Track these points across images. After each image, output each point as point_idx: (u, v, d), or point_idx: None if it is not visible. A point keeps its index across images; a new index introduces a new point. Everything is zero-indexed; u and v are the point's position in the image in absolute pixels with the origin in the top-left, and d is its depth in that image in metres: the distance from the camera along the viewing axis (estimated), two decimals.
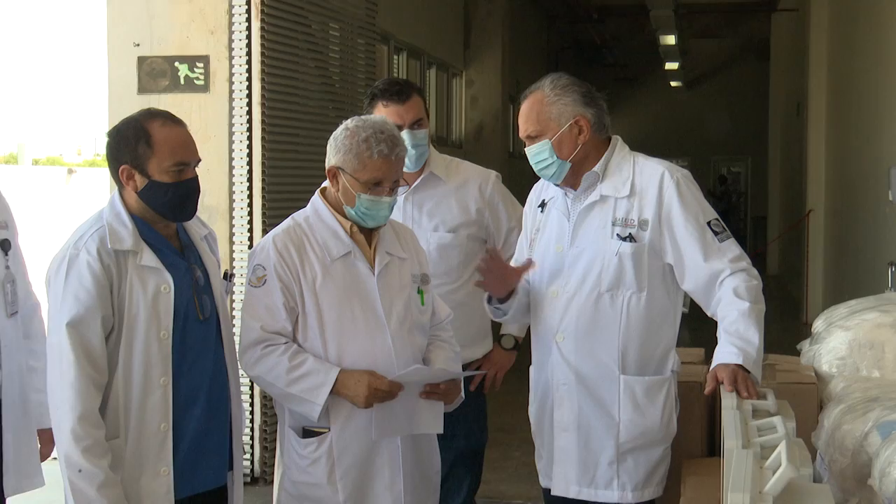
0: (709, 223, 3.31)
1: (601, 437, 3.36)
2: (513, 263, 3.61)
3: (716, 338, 3.23)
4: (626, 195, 3.34)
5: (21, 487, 3.31)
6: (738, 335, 3.15)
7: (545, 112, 3.35)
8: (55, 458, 2.99)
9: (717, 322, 3.27)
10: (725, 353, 3.14)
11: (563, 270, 3.39)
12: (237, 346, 3.27)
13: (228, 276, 3.35)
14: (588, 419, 3.36)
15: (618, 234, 3.31)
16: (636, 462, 3.36)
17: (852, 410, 3.32)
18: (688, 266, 3.30)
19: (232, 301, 4.67)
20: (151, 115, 3.06)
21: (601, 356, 3.35)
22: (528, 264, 3.44)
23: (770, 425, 2.73)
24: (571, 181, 3.39)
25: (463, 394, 3.39)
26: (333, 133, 3.27)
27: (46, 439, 3.49)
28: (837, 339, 3.82)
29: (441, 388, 3.24)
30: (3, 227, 3.26)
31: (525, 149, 3.42)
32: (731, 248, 3.30)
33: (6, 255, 3.21)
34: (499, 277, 3.41)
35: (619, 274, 3.31)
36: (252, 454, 6.15)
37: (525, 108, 3.40)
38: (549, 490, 3.50)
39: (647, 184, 3.34)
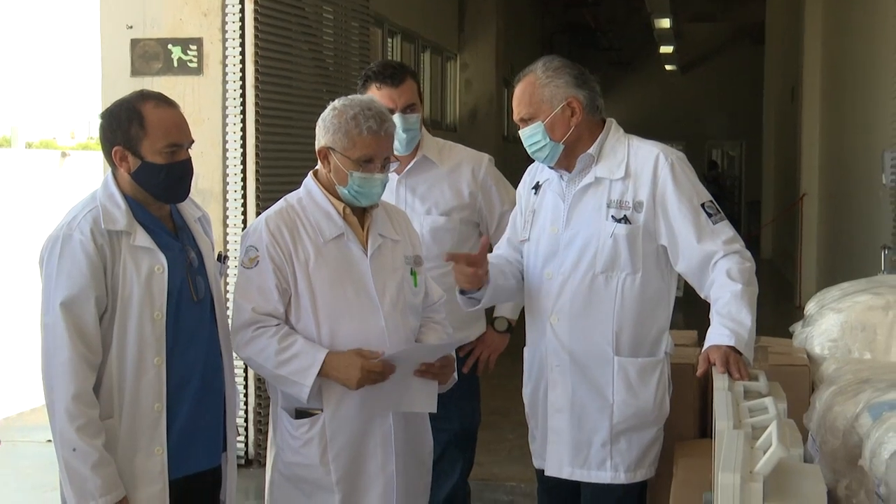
0: (703, 205, 3.31)
1: (594, 419, 3.37)
2: (503, 243, 3.63)
3: (709, 320, 3.25)
4: (621, 177, 3.35)
5: None
6: (730, 317, 3.16)
7: (538, 94, 3.36)
8: (50, 441, 3.00)
9: (709, 304, 3.29)
10: (718, 334, 3.15)
11: (558, 252, 3.40)
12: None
13: (222, 258, 3.35)
14: (581, 400, 3.38)
15: (612, 216, 3.32)
16: (629, 443, 3.37)
17: (844, 392, 3.34)
18: (681, 247, 3.31)
19: (226, 283, 4.67)
20: (144, 96, 3.06)
21: (595, 337, 3.36)
22: (484, 243, 3.45)
23: (761, 406, 2.74)
24: (565, 163, 3.39)
25: (456, 375, 3.39)
26: (321, 114, 3.27)
27: None
28: (829, 322, 3.84)
29: (436, 367, 3.24)
30: None
31: (519, 132, 3.43)
32: (725, 230, 3.31)
33: None
34: (466, 272, 3.39)
35: (614, 255, 3.32)
36: (246, 436, 6.16)
37: (518, 91, 3.41)
38: (543, 471, 3.52)
39: (641, 166, 3.35)
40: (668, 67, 25.23)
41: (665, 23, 19.11)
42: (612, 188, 3.35)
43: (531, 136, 3.37)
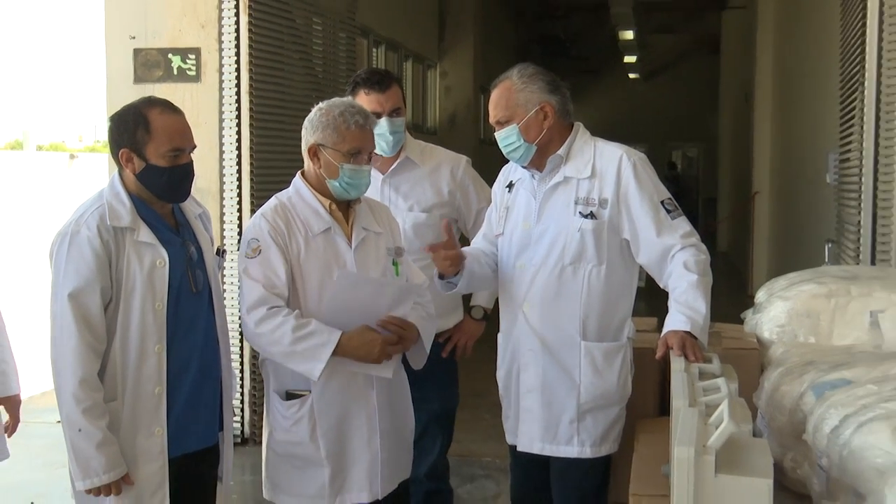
0: (662, 202, 3.34)
1: (563, 398, 3.39)
2: (479, 237, 3.63)
3: (667, 308, 3.27)
4: (588, 176, 3.36)
5: None
6: (686, 305, 3.19)
7: (513, 99, 3.37)
8: (60, 422, 3.00)
9: (668, 293, 3.31)
10: (675, 320, 3.18)
11: (529, 245, 3.42)
12: (239, 313, 3.26)
13: (221, 252, 3.35)
14: (551, 382, 3.39)
15: (580, 212, 3.34)
16: (594, 420, 3.39)
17: (790, 373, 3.36)
18: (643, 241, 3.33)
19: (223, 276, 4.67)
20: (151, 102, 3.06)
21: (564, 324, 3.37)
22: (445, 225, 3.43)
23: (714, 386, 2.76)
24: (537, 163, 3.40)
25: (427, 352, 3.39)
26: (307, 116, 3.28)
27: (10, 407, 3.47)
28: (777, 309, 3.85)
29: (393, 325, 3.21)
30: None
31: (495, 133, 3.43)
32: (682, 225, 3.33)
33: None
34: (441, 255, 3.40)
35: (581, 248, 3.33)
36: (242, 417, 6.16)
37: (495, 95, 3.41)
38: (515, 447, 3.54)
39: (606, 166, 3.36)
40: (631, 75, 25.22)
41: (629, 34, 19.14)
42: (580, 186, 3.36)
43: (506, 137, 3.38)
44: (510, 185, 3.55)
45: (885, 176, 5.44)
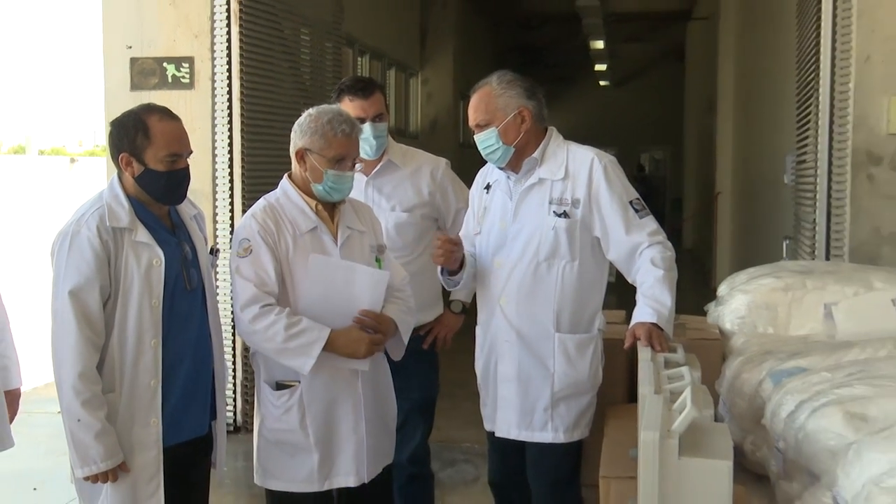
0: (631, 202, 3.37)
1: (538, 387, 3.40)
2: (462, 238, 3.64)
3: (635, 301, 3.29)
4: (561, 178, 3.38)
5: None
6: (653, 298, 3.21)
7: (493, 103, 3.37)
8: (60, 412, 2.99)
9: (636, 288, 3.33)
10: (642, 313, 3.20)
11: (506, 243, 3.43)
12: (232, 309, 3.25)
13: (214, 251, 3.34)
14: (527, 371, 3.41)
15: (554, 212, 3.35)
16: (567, 408, 3.41)
17: (750, 362, 3.39)
18: (612, 239, 3.35)
19: (216, 274, 4.66)
20: (150, 109, 3.05)
21: (539, 317, 3.39)
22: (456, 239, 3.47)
23: (679, 374, 2.78)
24: (514, 164, 3.42)
25: (406, 344, 3.39)
26: (297, 121, 3.27)
27: (11, 399, 3.44)
28: (738, 302, 3.89)
29: (369, 322, 3.20)
30: None
31: (474, 136, 3.43)
32: (650, 223, 3.36)
33: None
34: (449, 253, 3.42)
35: (555, 246, 3.35)
36: (234, 407, 6.15)
37: (475, 100, 3.42)
38: (493, 433, 3.55)
39: (578, 168, 3.38)
40: (602, 82, 25.27)
41: (600, 44, 19.17)
42: (553, 187, 3.38)
43: (486, 140, 3.38)
44: (488, 187, 3.56)
45: (838, 177, 5.48)
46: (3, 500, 5.19)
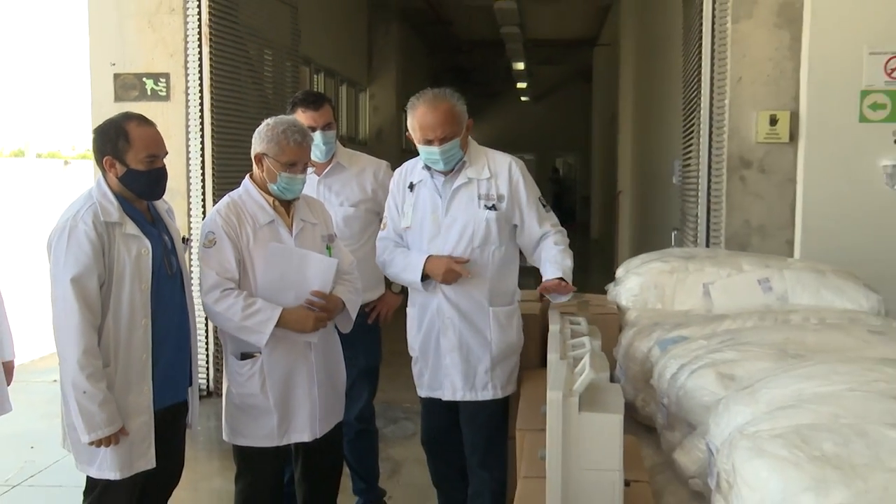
0: (539, 198, 3.45)
1: (478, 354, 3.42)
2: (389, 231, 3.56)
3: (538, 282, 3.35)
4: (487, 177, 3.40)
5: None
6: (557, 262, 3.32)
7: (457, 117, 3.33)
8: (56, 381, 2.91)
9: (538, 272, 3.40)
10: (551, 272, 3.31)
11: (440, 234, 3.41)
12: (196, 294, 3.21)
13: (186, 241, 3.29)
14: (468, 342, 3.41)
15: (485, 205, 3.37)
16: (502, 368, 3.44)
17: (641, 332, 3.42)
18: (527, 227, 3.41)
19: (190, 261, 4.59)
20: (128, 117, 2.99)
21: (475, 294, 3.40)
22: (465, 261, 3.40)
23: (581, 343, 2.81)
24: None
25: (354, 319, 3.37)
26: (257, 128, 3.23)
27: (6, 370, 3.34)
28: (633, 282, 3.91)
29: (318, 304, 3.18)
30: None
31: (434, 147, 3.30)
32: (553, 217, 3.47)
33: None
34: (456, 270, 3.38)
35: (487, 234, 3.37)
36: (207, 374, 6.08)
37: (440, 116, 3.28)
38: (428, 398, 3.54)
39: (499, 169, 3.41)
40: (522, 98, 25.33)
41: (520, 65, 19.24)
42: (480, 185, 3.39)
43: (450, 149, 3.32)
44: (411, 186, 3.51)
45: (716, 178, 5.58)
46: (5, 456, 5.08)
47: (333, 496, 3.52)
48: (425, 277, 3.39)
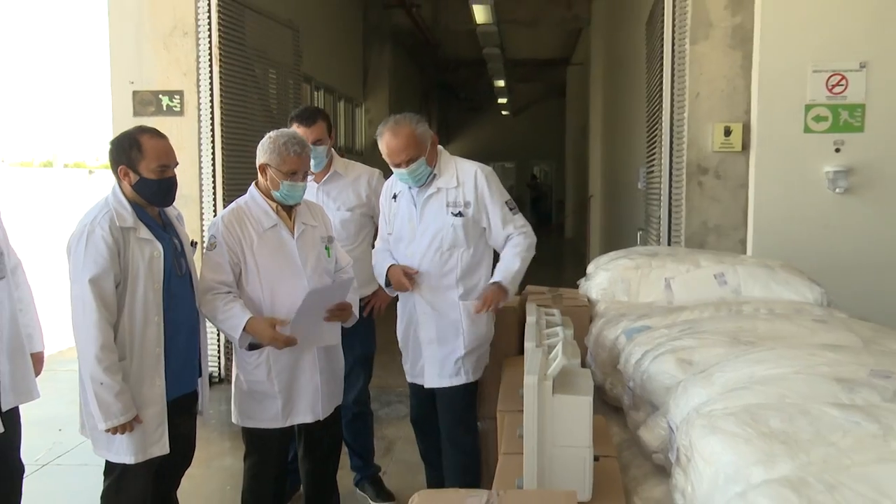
0: (506, 202, 3.42)
1: (452, 345, 3.42)
2: (380, 238, 3.60)
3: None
4: (454, 186, 3.37)
5: (19, 400, 3.08)
6: (505, 267, 3.35)
7: (418, 139, 3.30)
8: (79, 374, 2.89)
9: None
10: (494, 276, 3.36)
11: (415, 239, 3.42)
12: None
13: (194, 244, 3.27)
14: (443, 334, 3.42)
15: (451, 212, 3.35)
16: (473, 357, 3.45)
17: (610, 322, 3.41)
18: (494, 229, 3.41)
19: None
20: (142, 129, 2.96)
21: (447, 292, 3.40)
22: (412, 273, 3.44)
23: (555, 332, 2.81)
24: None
25: (358, 315, 3.38)
26: (261, 141, 3.22)
27: (36, 360, 3.30)
28: (602, 277, 3.89)
29: (336, 311, 3.21)
30: None
31: (402, 169, 3.29)
32: (519, 219, 3.43)
33: None
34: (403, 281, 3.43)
35: (455, 238, 3.36)
36: (219, 363, 6.06)
37: (402, 142, 3.26)
38: (413, 384, 3.57)
39: (466, 178, 3.38)
40: (503, 112, 25.39)
41: (501, 83, 19.26)
42: (449, 194, 3.37)
43: (417, 169, 3.31)
44: (395, 196, 3.53)
45: (676, 183, 5.60)
46: (35, 438, 5.05)
47: (333, 472, 3.52)
48: (389, 283, 3.46)
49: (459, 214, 3.35)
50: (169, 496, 3.24)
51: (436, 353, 3.43)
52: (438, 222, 3.37)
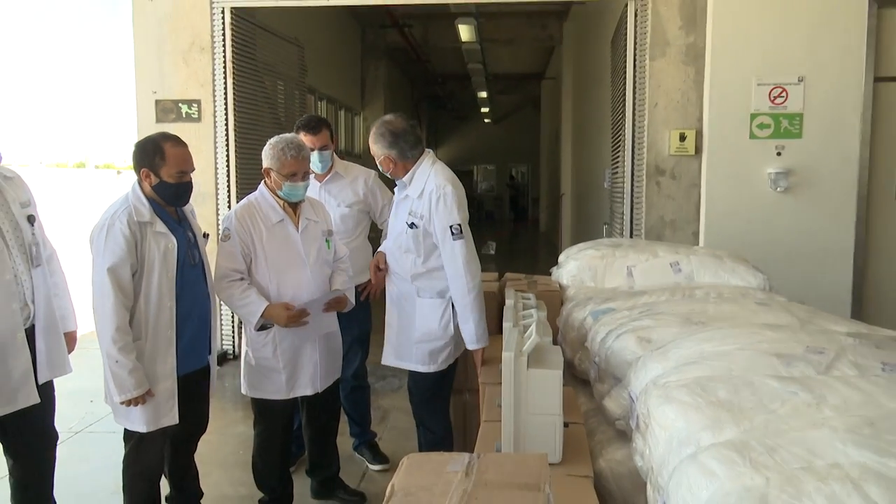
0: (451, 227, 3.10)
1: (407, 332, 3.32)
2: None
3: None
4: (418, 196, 3.19)
5: (54, 374, 3.03)
6: (465, 336, 3.16)
7: (372, 142, 3.27)
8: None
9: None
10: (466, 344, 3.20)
11: (390, 238, 3.36)
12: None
13: (205, 235, 3.24)
14: (402, 321, 3.33)
15: (408, 222, 3.21)
16: (425, 348, 3.30)
17: (578, 304, 3.40)
18: (439, 247, 3.20)
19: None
20: (165, 136, 2.93)
21: (405, 288, 3.30)
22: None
23: (530, 314, 2.80)
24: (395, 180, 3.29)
25: (354, 301, 3.36)
26: (264, 148, 3.19)
27: (69, 338, 3.27)
28: (571, 265, 3.88)
29: (333, 304, 3.21)
30: (28, 204, 2.90)
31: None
32: (458, 245, 3.11)
33: (32, 225, 2.89)
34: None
35: (408, 245, 3.22)
36: (233, 340, 6.03)
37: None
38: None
39: (428, 192, 3.16)
40: (486, 120, 25.38)
41: (484, 94, 19.22)
42: (413, 203, 3.20)
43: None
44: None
45: (637, 183, 5.61)
46: (69, 408, 5.01)
47: (333, 438, 3.52)
48: None
49: (413, 225, 3.19)
50: (187, 459, 3.23)
51: (392, 336, 3.34)
52: (400, 226, 3.26)
